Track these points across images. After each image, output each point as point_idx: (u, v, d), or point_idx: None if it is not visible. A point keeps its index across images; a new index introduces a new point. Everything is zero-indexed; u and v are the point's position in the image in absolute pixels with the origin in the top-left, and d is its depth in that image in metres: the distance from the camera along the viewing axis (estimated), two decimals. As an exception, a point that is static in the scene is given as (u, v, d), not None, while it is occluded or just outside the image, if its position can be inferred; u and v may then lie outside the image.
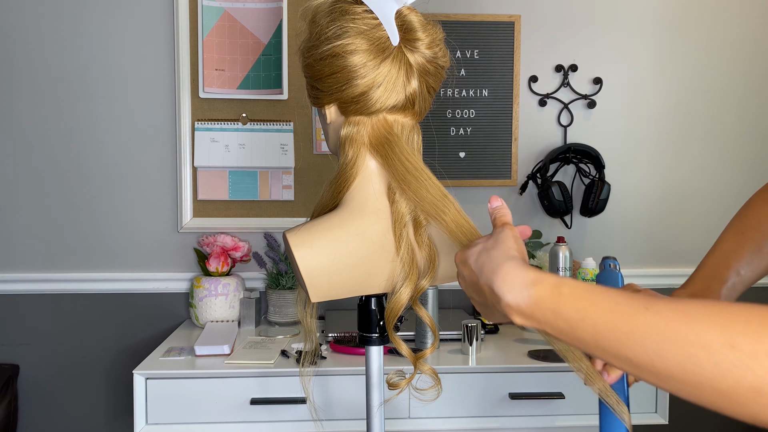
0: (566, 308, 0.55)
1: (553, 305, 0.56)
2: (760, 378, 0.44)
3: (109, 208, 2.01)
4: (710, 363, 0.46)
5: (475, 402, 1.57)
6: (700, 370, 0.46)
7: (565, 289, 0.56)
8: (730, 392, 0.45)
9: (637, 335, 0.50)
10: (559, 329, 0.56)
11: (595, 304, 0.54)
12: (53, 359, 2.01)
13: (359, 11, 0.80)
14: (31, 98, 1.97)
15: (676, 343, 0.47)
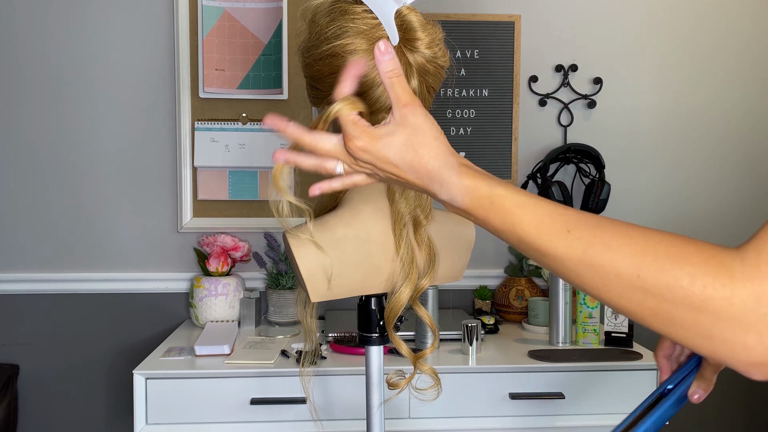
0: (495, 218, 0.60)
1: (484, 213, 0.60)
2: (657, 305, 0.50)
3: (109, 208, 2.01)
4: (620, 287, 0.52)
5: (475, 402, 1.57)
6: (611, 292, 0.52)
7: (496, 200, 0.60)
8: (632, 312, 0.52)
9: (557, 257, 0.55)
10: (489, 229, 0.61)
11: (521, 220, 0.58)
12: (53, 359, 2.01)
13: (359, 11, 0.80)
14: (31, 98, 1.97)
15: (593, 269, 0.53)
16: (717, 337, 0.47)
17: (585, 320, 1.72)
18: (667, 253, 0.50)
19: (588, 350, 1.68)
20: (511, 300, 1.99)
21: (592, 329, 1.71)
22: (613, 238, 0.53)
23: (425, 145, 0.64)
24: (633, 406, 1.68)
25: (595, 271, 0.53)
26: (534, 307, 1.88)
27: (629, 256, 0.51)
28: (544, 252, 0.56)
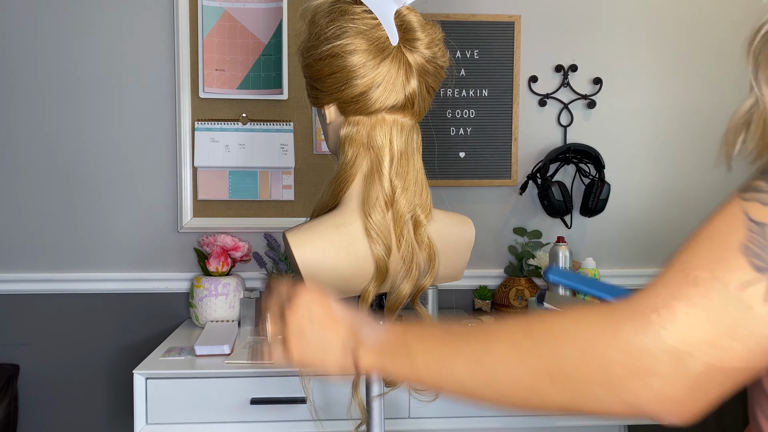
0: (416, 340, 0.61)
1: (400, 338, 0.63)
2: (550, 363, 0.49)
3: (109, 208, 2.01)
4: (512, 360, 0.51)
5: (475, 402, 1.57)
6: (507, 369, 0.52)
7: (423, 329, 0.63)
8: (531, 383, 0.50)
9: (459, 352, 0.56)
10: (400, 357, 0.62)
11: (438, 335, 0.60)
12: (53, 359, 2.02)
13: (359, 11, 0.80)
14: (31, 98, 1.97)
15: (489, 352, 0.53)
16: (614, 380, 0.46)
17: (585, 320, 1.72)
18: (554, 317, 0.50)
19: (588, 350, 1.67)
20: (511, 300, 1.99)
21: (592, 329, 1.72)
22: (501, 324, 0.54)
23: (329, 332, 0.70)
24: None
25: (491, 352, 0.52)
26: (534, 307, 1.88)
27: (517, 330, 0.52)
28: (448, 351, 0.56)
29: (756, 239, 0.43)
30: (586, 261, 1.83)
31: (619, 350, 0.45)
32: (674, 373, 0.44)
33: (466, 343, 0.55)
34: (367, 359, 0.64)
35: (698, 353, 0.44)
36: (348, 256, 0.85)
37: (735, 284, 0.43)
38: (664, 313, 0.44)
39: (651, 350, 0.44)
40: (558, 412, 0.50)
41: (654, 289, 0.46)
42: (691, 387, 0.44)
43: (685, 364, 0.44)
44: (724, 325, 0.43)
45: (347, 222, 0.86)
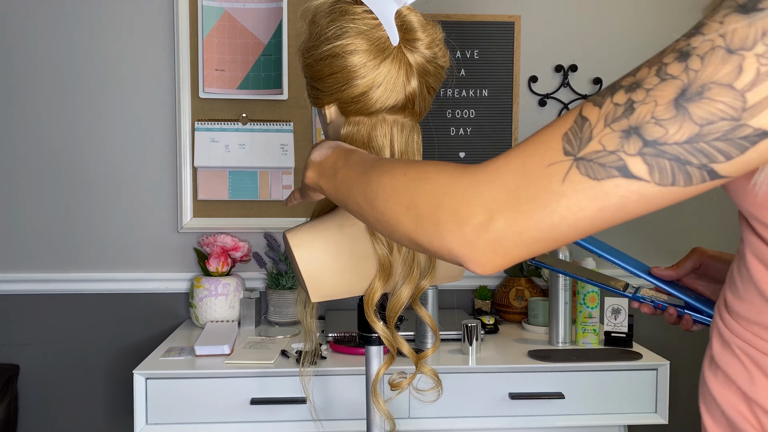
0: (340, 160, 0.73)
1: (335, 159, 0.74)
2: (410, 197, 0.58)
3: (109, 208, 2.01)
4: (390, 186, 0.61)
5: (475, 402, 1.57)
6: (385, 193, 0.61)
7: (351, 151, 0.74)
8: (395, 209, 0.60)
9: (365, 174, 0.66)
10: (327, 176, 0.74)
11: (357, 159, 0.71)
12: (53, 359, 2.02)
13: (359, 11, 0.80)
14: (31, 98, 1.97)
15: (380, 174, 0.63)
16: (441, 221, 0.54)
17: (585, 320, 1.72)
18: (435, 162, 0.59)
19: (588, 350, 1.68)
20: (511, 300, 1.99)
21: (592, 329, 1.72)
22: (407, 161, 0.64)
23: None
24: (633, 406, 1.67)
25: (380, 179, 0.63)
26: (534, 307, 1.88)
27: (406, 164, 0.62)
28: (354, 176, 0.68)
29: (575, 129, 0.49)
30: (586, 261, 1.83)
31: (453, 196, 0.54)
32: (482, 225, 0.52)
33: (366, 172, 0.66)
34: (309, 176, 0.78)
35: (503, 212, 0.51)
36: (349, 256, 0.85)
37: (546, 162, 0.50)
38: (492, 175, 0.52)
39: (473, 202, 0.52)
40: (402, 242, 0.60)
41: (496, 158, 0.53)
42: (492, 239, 0.52)
43: (492, 220, 0.51)
44: (529, 193, 0.50)
45: (348, 222, 0.86)
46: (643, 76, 0.48)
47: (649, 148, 0.46)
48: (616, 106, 0.48)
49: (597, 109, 0.49)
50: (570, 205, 0.49)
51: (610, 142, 0.47)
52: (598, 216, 0.49)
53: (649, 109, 0.46)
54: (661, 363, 1.60)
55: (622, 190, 0.47)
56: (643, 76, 0.48)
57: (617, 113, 0.48)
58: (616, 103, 0.48)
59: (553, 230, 0.50)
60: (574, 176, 0.49)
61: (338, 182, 0.71)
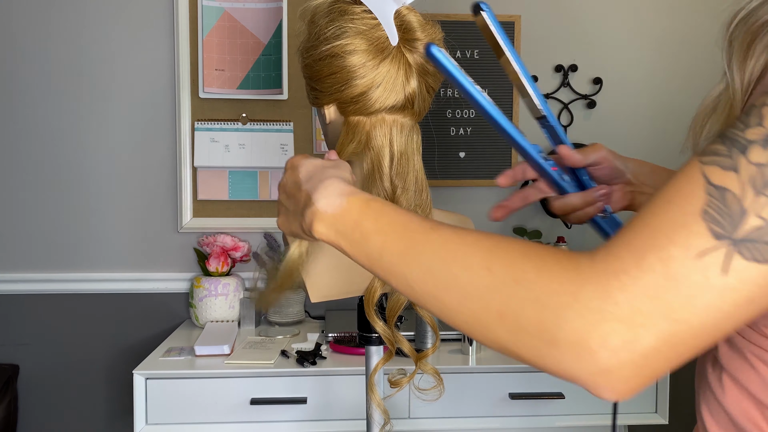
0: (367, 220, 0.56)
1: (357, 216, 0.57)
2: (503, 301, 0.46)
3: (109, 208, 2.01)
4: (468, 282, 0.48)
5: (475, 402, 1.57)
6: (459, 289, 0.48)
7: (373, 204, 0.58)
8: (479, 313, 0.47)
9: (417, 250, 0.52)
10: (354, 241, 0.57)
11: (392, 221, 0.55)
12: (53, 359, 2.01)
13: (358, 11, 0.80)
14: (31, 98, 1.97)
15: (446, 262, 0.49)
16: (561, 341, 0.43)
17: (585, 320, 1.72)
18: (519, 249, 0.47)
19: (588, 350, 1.67)
20: (511, 300, 1.98)
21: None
22: (470, 236, 0.50)
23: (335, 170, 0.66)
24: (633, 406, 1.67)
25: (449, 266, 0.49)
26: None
27: (483, 250, 0.48)
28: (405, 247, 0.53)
29: (715, 204, 0.41)
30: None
31: (576, 313, 0.42)
32: (623, 347, 0.41)
33: (424, 250, 0.52)
34: (321, 231, 0.60)
35: (651, 326, 0.41)
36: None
37: (693, 252, 0.41)
38: (624, 279, 0.42)
39: (606, 318, 0.42)
40: (493, 348, 0.48)
41: (617, 251, 0.43)
42: (637, 362, 0.42)
43: (637, 336, 0.41)
44: (681, 296, 0.41)
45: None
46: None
47: None
48: (761, 167, 0.40)
49: (733, 174, 0.41)
50: (738, 299, 0.40)
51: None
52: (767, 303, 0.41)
53: None
54: (661, 363, 1.60)
55: None
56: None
57: (766, 175, 0.40)
58: (758, 164, 0.41)
59: (716, 332, 0.42)
60: (738, 264, 0.40)
61: (372, 251, 0.55)
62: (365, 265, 0.57)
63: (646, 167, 0.79)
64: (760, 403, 0.53)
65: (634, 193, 0.79)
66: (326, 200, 0.60)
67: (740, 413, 0.54)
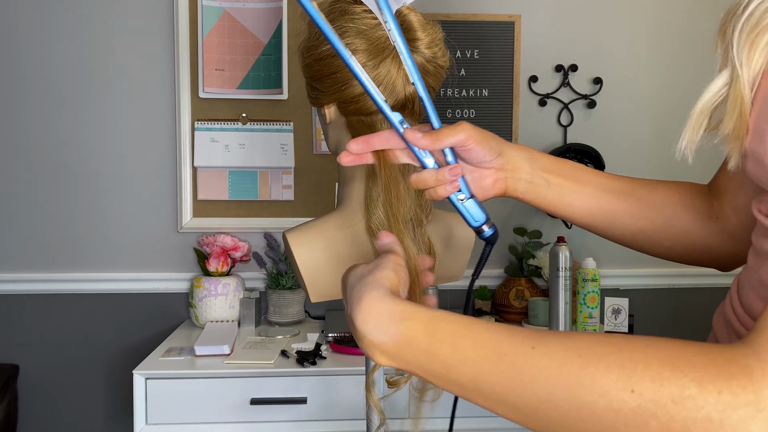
0: (442, 348, 0.48)
1: (426, 345, 0.49)
2: (664, 424, 0.39)
3: (109, 208, 2.01)
4: (610, 410, 0.41)
5: (475, 402, 1.57)
6: (598, 418, 0.41)
7: (440, 325, 0.49)
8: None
9: (526, 381, 0.45)
10: (433, 372, 0.49)
11: (476, 344, 0.47)
12: (53, 359, 2.01)
13: (358, 11, 0.79)
14: (31, 98, 1.97)
15: (571, 390, 0.42)
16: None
17: (585, 320, 1.72)
18: (661, 358, 0.40)
19: (588, 350, 1.67)
20: (511, 300, 1.99)
21: (592, 329, 1.71)
22: (588, 347, 0.43)
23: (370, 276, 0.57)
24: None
25: (574, 392, 0.42)
26: (534, 307, 1.88)
27: (616, 367, 0.41)
28: (508, 378, 0.46)
29: None
30: (587, 261, 1.83)
31: (764, 424, 0.37)
32: None
33: (535, 379, 0.45)
34: (386, 362, 0.52)
35: None
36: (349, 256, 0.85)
37: None
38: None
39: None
40: None
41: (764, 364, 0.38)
42: None
43: None
44: None
45: (348, 222, 0.86)
46: None
47: None
48: None
49: None
50: None
51: None
52: None
53: None
54: (661, 363, 1.60)
55: None
56: None
57: None
58: None
59: None
60: None
61: (464, 382, 0.49)
62: (458, 394, 0.50)
63: (525, 152, 0.74)
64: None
65: (507, 179, 0.73)
66: (376, 331, 0.51)
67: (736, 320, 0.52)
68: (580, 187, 0.74)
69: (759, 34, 0.51)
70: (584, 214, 0.75)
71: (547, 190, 0.74)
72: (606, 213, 0.75)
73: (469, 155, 0.70)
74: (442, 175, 0.67)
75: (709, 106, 0.55)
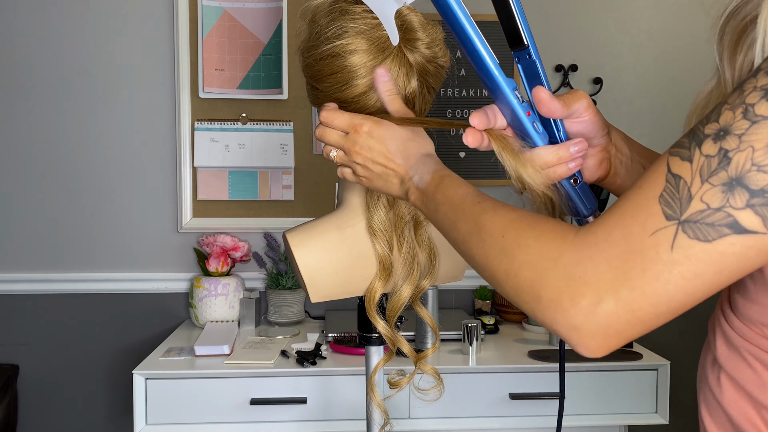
0: (438, 193, 0.68)
1: (434, 189, 0.69)
2: (509, 264, 0.54)
3: (109, 208, 2.01)
4: (489, 245, 0.58)
5: (475, 402, 1.57)
6: (484, 250, 0.58)
7: (446, 180, 0.69)
8: (495, 271, 0.57)
9: (463, 220, 0.63)
10: (429, 210, 0.69)
11: (453, 194, 0.66)
12: (53, 359, 2.01)
13: (359, 11, 0.79)
14: (31, 98, 1.97)
15: (479, 228, 0.60)
16: (543, 299, 0.51)
17: (585, 320, 1.72)
18: (531, 222, 0.55)
19: (588, 350, 1.67)
20: (511, 300, 1.98)
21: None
22: (502, 208, 0.60)
23: (421, 143, 0.77)
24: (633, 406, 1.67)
25: (479, 229, 0.60)
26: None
27: (504, 220, 0.58)
28: (457, 215, 0.64)
29: (670, 189, 0.46)
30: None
31: (555, 274, 0.50)
32: (590, 308, 0.48)
33: (467, 220, 0.62)
34: (414, 200, 0.72)
35: (612, 292, 0.47)
36: (349, 256, 0.85)
37: (649, 230, 0.46)
38: (594, 250, 0.49)
39: (577, 282, 0.49)
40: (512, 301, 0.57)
41: (594, 227, 0.50)
42: (601, 322, 0.48)
43: (601, 301, 0.48)
44: (637, 267, 0.46)
45: (349, 222, 0.86)
46: (728, 120, 0.45)
47: (758, 198, 0.43)
48: (709, 158, 0.45)
49: (687, 164, 0.46)
50: (684, 273, 0.46)
51: (713, 198, 0.44)
52: (716, 279, 0.46)
53: (746, 156, 0.43)
54: (661, 363, 1.60)
55: (737, 247, 0.44)
56: (728, 120, 0.45)
57: (712, 165, 0.45)
58: (707, 155, 0.45)
59: (670, 302, 0.47)
60: (682, 242, 0.45)
61: (438, 219, 0.68)
62: (436, 227, 0.69)
63: (621, 134, 0.75)
64: (757, 403, 0.53)
65: (613, 160, 0.73)
66: (419, 177, 0.72)
67: (738, 413, 0.54)
68: None
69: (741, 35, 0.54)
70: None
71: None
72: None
73: (581, 127, 0.69)
74: (566, 151, 0.66)
75: (701, 106, 0.56)
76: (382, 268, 0.85)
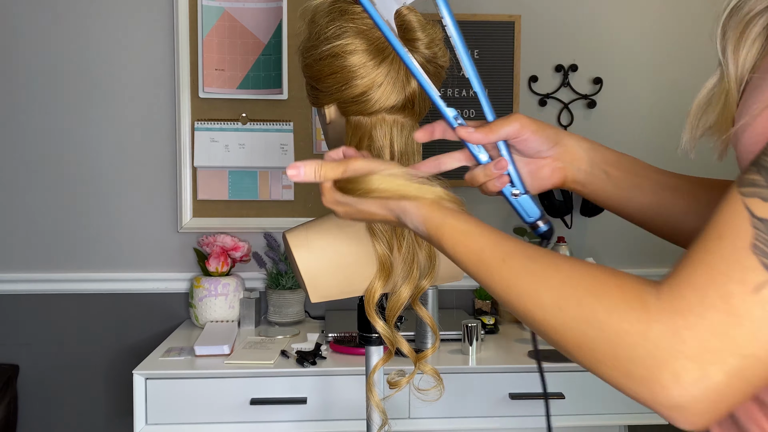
0: (446, 246, 0.62)
1: (438, 241, 0.63)
2: (580, 339, 0.49)
3: (109, 208, 2.01)
4: (543, 319, 0.52)
5: (475, 402, 1.57)
6: (537, 323, 0.53)
7: (446, 230, 0.62)
8: (559, 344, 0.51)
9: (494, 285, 0.57)
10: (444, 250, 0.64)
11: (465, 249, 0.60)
12: (53, 359, 2.01)
13: (358, 11, 0.79)
14: (31, 98, 1.97)
15: (519, 298, 0.54)
16: (636, 376, 0.46)
17: (585, 320, 1.72)
18: (588, 287, 0.49)
19: (588, 350, 1.67)
20: (511, 300, 1.98)
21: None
22: (541, 269, 0.53)
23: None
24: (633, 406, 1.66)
25: (524, 300, 0.53)
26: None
27: (553, 289, 0.51)
28: (482, 279, 0.58)
29: (762, 237, 0.42)
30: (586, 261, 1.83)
31: (648, 352, 0.44)
32: (695, 383, 0.43)
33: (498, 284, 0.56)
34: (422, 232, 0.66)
35: (720, 362, 0.42)
36: (349, 256, 0.85)
37: (750, 287, 0.42)
38: (690, 318, 0.43)
39: (676, 356, 0.43)
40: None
41: (680, 289, 0.45)
42: (710, 397, 0.43)
43: (707, 373, 0.43)
44: (746, 331, 0.42)
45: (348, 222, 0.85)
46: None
47: None
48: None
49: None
50: None
51: None
52: None
53: None
54: (661, 363, 1.60)
55: None
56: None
57: None
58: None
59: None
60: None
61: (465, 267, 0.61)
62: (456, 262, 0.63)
63: (585, 143, 0.74)
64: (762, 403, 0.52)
65: (566, 169, 0.74)
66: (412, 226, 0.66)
67: (742, 412, 0.53)
68: (639, 181, 0.74)
69: (744, 30, 0.53)
70: (641, 209, 0.75)
71: (606, 183, 0.74)
72: (663, 210, 0.75)
73: (525, 146, 0.71)
74: (490, 169, 0.70)
75: (703, 104, 0.56)
76: (382, 268, 0.84)
